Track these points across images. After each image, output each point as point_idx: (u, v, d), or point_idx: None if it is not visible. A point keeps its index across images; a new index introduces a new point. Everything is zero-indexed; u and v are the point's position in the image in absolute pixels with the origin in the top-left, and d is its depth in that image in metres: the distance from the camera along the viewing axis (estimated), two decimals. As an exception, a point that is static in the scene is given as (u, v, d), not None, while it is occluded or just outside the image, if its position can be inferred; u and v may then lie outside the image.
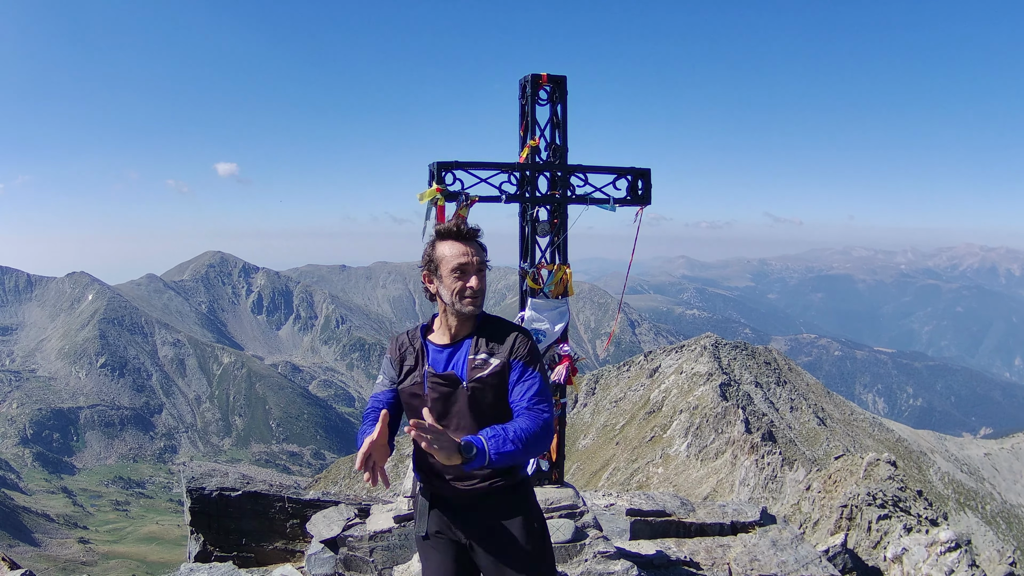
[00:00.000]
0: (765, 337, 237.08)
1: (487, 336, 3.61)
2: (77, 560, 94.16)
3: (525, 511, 3.76)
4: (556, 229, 6.01)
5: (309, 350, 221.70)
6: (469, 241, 3.60)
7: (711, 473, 40.88)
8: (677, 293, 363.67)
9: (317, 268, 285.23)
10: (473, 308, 3.55)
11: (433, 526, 3.76)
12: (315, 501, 7.50)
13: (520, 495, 3.76)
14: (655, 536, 7.93)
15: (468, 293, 3.53)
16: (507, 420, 3.49)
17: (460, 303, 3.54)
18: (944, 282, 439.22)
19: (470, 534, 3.72)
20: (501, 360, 3.55)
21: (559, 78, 6.06)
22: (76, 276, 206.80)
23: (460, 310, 3.55)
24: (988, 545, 45.40)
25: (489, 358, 3.55)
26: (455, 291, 3.53)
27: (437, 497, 3.74)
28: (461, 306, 3.54)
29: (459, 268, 3.52)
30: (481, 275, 3.57)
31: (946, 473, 57.50)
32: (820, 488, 22.63)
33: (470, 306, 3.54)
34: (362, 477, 3.64)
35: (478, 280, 3.54)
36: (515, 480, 3.72)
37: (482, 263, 3.59)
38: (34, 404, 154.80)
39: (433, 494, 3.75)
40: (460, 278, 3.53)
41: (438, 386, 3.57)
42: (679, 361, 61.82)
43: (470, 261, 3.54)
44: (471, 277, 3.54)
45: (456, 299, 3.54)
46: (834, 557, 13.17)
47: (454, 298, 3.54)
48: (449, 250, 3.56)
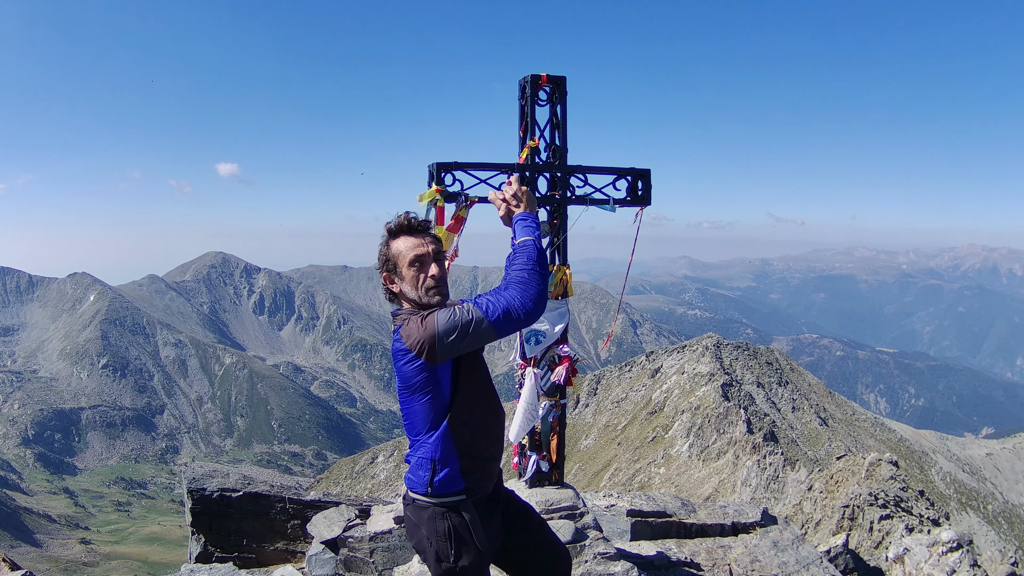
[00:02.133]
0: (767, 337, 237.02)
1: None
2: (79, 561, 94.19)
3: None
4: (556, 230, 6.00)
5: (311, 351, 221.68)
6: (422, 233, 3.59)
7: (713, 473, 40.85)
8: (679, 293, 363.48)
9: (319, 269, 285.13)
10: (440, 298, 3.54)
11: (488, 537, 3.68)
12: (316, 502, 7.50)
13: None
14: (656, 537, 7.92)
15: (430, 283, 3.51)
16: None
17: (426, 295, 3.52)
18: (946, 282, 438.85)
19: (513, 520, 3.80)
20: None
21: (559, 78, 6.05)
22: (78, 277, 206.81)
23: (428, 302, 3.52)
24: (990, 545, 45.36)
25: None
26: (419, 284, 3.52)
27: (479, 498, 3.67)
28: (428, 298, 3.52)
29: (416, 260, 3.52)
30: (440, 263, 3.56)
31: (948, 473, 57.42)
32: (822, 488, 22.60)
33: (436, 295, 3.53)
34: (362, 478, 3.66)
35: (438, 268, 3.53)
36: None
37: (439, 252, 3.57)
38: (36, 405, 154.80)
39: (478, 498, 3.67)
40: (420, 270, 3.52)
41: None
42: (681, 361, 61.76)
43: (427, 251, 3.53)
44: (430, 266, 3.53)
45: (422, 292, 3.52)
46: (835, 558, 13.17)
47: (420, 292, 3.52)
48: (403, 245, 3.55)
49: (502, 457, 3.72)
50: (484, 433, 3.60)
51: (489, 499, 3.68)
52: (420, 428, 3.56)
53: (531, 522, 3.86)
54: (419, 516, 3.61)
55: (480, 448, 3.60)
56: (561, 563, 3.91)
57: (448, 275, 3.73)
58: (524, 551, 3.83)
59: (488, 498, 3.68)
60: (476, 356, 3.62)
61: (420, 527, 3.61)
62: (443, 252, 3.61)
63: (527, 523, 3.83)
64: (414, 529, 3.67)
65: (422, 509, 3.59)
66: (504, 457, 4.03)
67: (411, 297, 3.55)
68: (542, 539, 3.86)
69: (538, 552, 3.84)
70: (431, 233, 3.62)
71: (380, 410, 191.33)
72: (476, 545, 3.54)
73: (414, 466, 3.61)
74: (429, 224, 3.64)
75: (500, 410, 3.69)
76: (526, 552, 3.83)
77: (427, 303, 3.52)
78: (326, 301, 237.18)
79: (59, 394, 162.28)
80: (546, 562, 3.87)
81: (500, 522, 3.72)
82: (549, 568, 3.88)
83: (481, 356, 3.68)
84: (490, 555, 3.66)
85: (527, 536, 3.81)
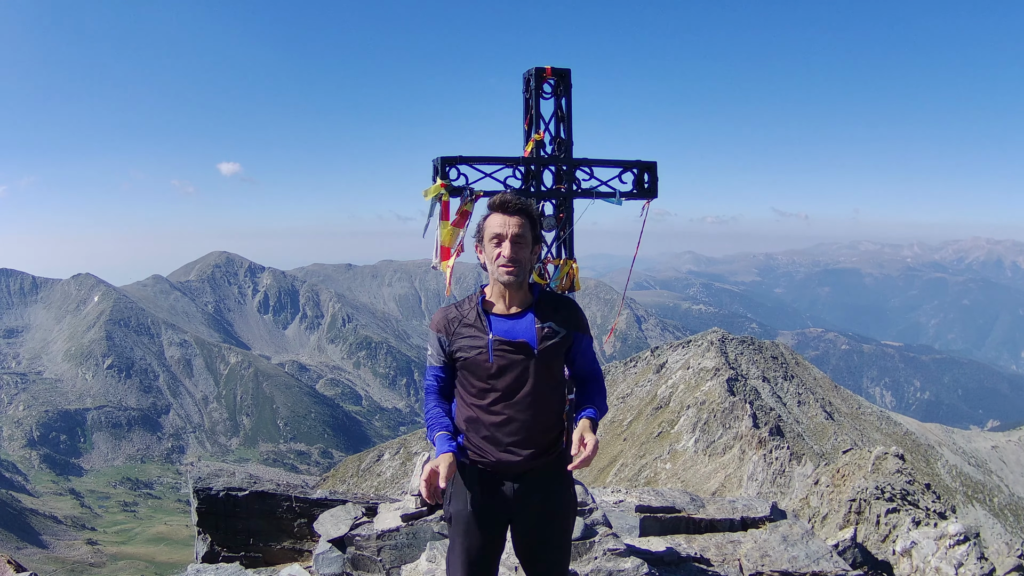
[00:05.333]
0: (772, 332, 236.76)
1: (548, 307, 3.85)
2: (85, 562, 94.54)
3: (567, 479, 4.02)
4: (562, 223, 5.96)
5: (316, 349, 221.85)
6: (513, 214, 3.74)
7: (719, 468, 40.79)
8: (683, 288, 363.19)
9: (323, 267, 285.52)
10: (509, 277, 3.72)
11: (479, 500, 3.88)
12: (322, 500, 7.47)
13: (564, 462, 3.90)
14: (665, 532, 7.89)
15: (502, 262, 3.69)
16: (560, 383, 3.92)
17: (497, 272, 3.72)
18: (951, 275, 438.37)
19: (521, 507, 3.87)
20: (566, 331, 3.83)
21: (563, 71, 6.01)
22: (82, 278, 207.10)
23: (498, 279, 3.73)
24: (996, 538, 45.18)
25: (557, 329, 3.79)
26: (493, 259, 3.72)
27: (483, 471, 3.88)
28: (498, 275, 3.72)
29: (495, 237, 3.71)
30: (517, 246, 3.71)
31: (954, 466, 57.29)
32: (828, 482, 22.54)
33: (506, 275, 3.71)
34: (368, 476, 3.71)
35: (510, 249, 3.69)
36: (560, 449, 3.94)
37: (518, 235, 3.71)
38: (41, 406, 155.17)
39: (483, 468, 3.88)
40: (496, 247, 3.71)
41: (507, 353, 3.74)
42: (686, 356, 61.68)
43: (505, 231, 3.69)
44: (504, 244, 3.70)
45: (494, 268, 3.73)
46: (844, 551, 13.13)
47: (493, 267, 3.73)
48: (492, 221, 3.75)
49: (525, 446, 3.81)
50: (487, 423, 3.81)
51: (502, 473, 3.84)
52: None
53: (541, 519, 3.94)
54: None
55: (478, 432, 3.83)
56: (538, 565, 4.04)
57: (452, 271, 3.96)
58: (520, 538, 3.98)
59: (501, 472, 3.84)
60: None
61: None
62: (526, 237, 3.74)
63: (538, 518, 3.92)
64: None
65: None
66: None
67: (490, 270, 3.78)
68: (538, 538, 3.97)
69: (530, 545, 3.98)
70: (529, 216, 3.77)
71: (386, 408, 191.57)
72: (465, 500, 3.86)
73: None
74: (528, 206, 3.78)
75: (518, 411, 3.81)
76: (520, 540, 3.99)
77: (498, 279, 3.74)
78: (330, 299, 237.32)
79: (64, 395, 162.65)
80: (531, 560, 4.03)
81: (512, 499, 3.85)
82: (529, 565, 4.06)
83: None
84: (480, 517, 3.87)
85: (526, 526, 3.94)
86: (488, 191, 5.69)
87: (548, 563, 4.01)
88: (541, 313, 3.80)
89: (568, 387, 4.12)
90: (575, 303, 4.00)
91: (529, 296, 3.85)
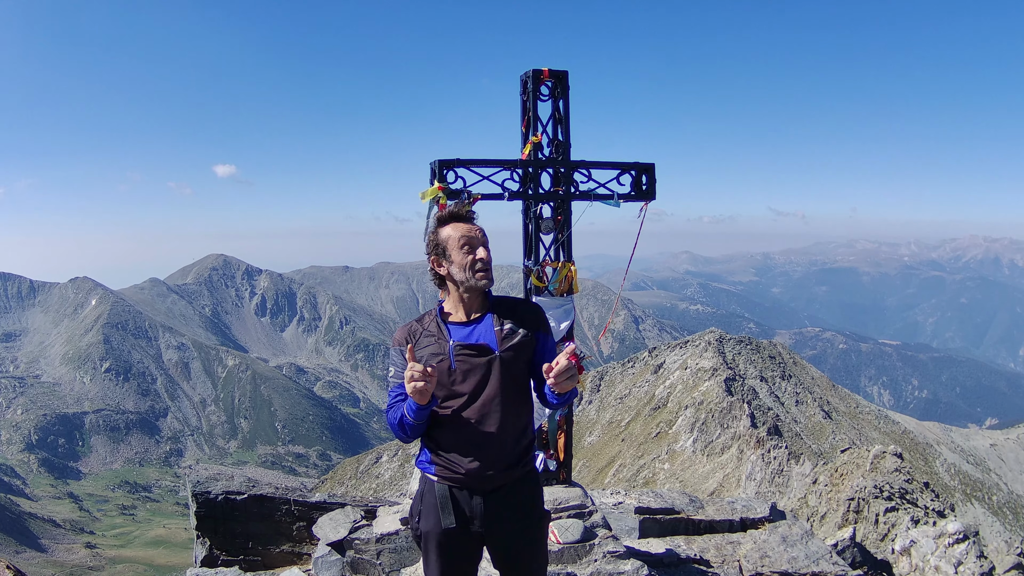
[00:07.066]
0: (770, 331, 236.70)
1: (505, 310, 3.86)
2: (84, 565, 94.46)
3: (538, 497, 4.03)
4: (560, 226, 5.96)
5: (313, 351, 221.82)
6: (472, 221, 3.86)
7: (717, 468, 40.83)
8: (681, 289, 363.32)
9: (320, 269, 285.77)
10: (487, 281, 3.77)
11: (449, 518, 3.84)
12: (321, 503, 7.47)
13: (534, 481, 4.00)
14: (664, 534, 7.89)
15: (479, 266, 3.74)
16: (526, 390, 3.87)
17: (474, 277, 3.74)
18: (948, 273, 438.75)
19: (493, 523, 3.83)
20: (527, 331, 3.81)
21: (561, 73, 6.01)
22: (79, 281, 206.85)
23: (475, 284, 3.75)
24: (995, 536, 45.22)
25: (516, 328, 3.79)
26: (467, 266, 3.74)
27: (452, 487, 3.84)
28: (476, 279, 3.75)
29: (467, 243, 3.75)
30: (487, 248, 3.81)
31: (952, 464, 57.36)
32: (827, 482, 22.57)
33: (484, 279, 3.76)
34: (367, 478, 3.70)
35: (486, 251, 3.78)
36: (529, 467, 3.94)
37: (485, 237, 3.83)
38: (39, 410, 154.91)
39: (451, 484, 3.85)
40: (469, 252, 3.75)
41: (469, 358, 3.73)
42: (684, 357, 61.75)
43: (475, 235, 3.78)
44: (478, 249, 3.76)
45: (470, 274, 3.74)
46: (843, 551, 13.14)
47: (467, 273, 3.75)
48: (454, 230, 3.80)
49: (494, 456, 3.76)
50: (454, 431, 3.78)
51: (471, 488, 3.80)
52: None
53: (514, 534, 3.91)
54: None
55: (445, 443, 3.81)
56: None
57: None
58: (495, 552, 3.95)
59: (470, 487, 3.79)
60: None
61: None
62: (488, 239, 3.85)
63: (511, 533, 3.89)
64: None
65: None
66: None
67: (459, 279, 3.77)
68: (514, 552, 3.93)
69: (506, 560, 3.95)
70: (477, 223, 3.88)
71: (383, 410, 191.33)
72: (437, 518, 3.82)
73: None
74: (474, 214, 3.89)
75: (483, 416, 3.77)
76: (496, 554, 3.96)
77: (474, 285, 3.76)
78: (328, 302, 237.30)
79: (62, 399, 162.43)
80: (509, 572, 4.00)
81: (483, 515, 3.81)
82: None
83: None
84: (451, 535, 3.84)
85: (501, 541, 3.91)
86: (486, 194, 5.69)
87: (526, 573, 3.99)
88: (499, 315, 3.82)
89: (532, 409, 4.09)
90: (535, 304, 4.00)
91: (485, 301, 3.87)
